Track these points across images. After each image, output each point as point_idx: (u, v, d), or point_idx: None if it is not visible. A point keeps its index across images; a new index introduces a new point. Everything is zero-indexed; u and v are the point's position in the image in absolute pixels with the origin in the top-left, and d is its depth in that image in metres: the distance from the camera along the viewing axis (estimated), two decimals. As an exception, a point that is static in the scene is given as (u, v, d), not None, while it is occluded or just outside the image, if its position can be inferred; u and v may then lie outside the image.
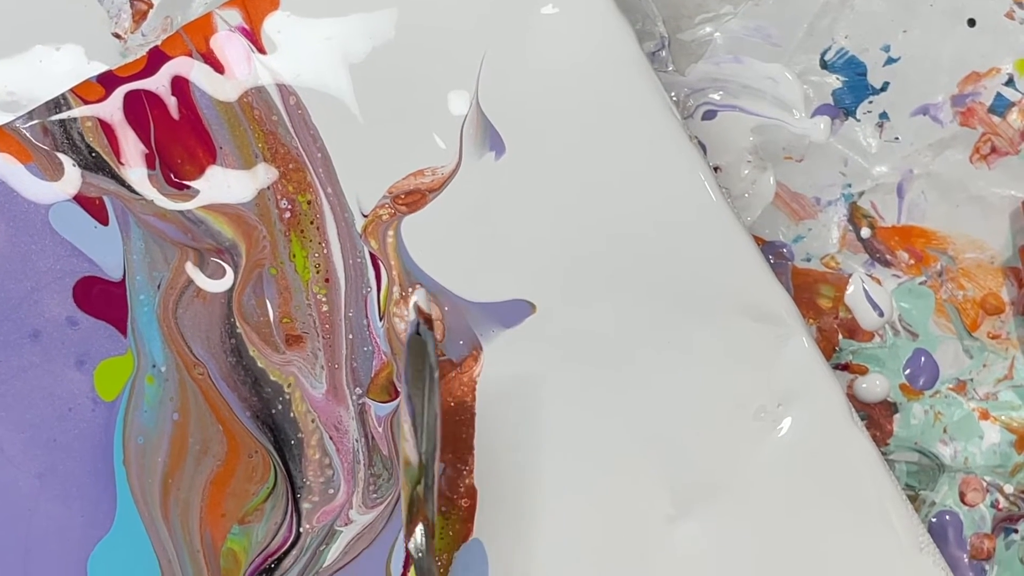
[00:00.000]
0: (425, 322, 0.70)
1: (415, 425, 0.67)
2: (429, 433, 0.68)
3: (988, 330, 0.83)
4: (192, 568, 0.73)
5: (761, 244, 0.83)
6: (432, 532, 0.68)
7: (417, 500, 0.67)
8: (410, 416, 0.67)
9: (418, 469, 0.67)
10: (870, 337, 0.83)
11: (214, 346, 0.75)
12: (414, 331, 0.70)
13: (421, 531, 0.67)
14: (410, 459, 0.67)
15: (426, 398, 0.69)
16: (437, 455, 0.69)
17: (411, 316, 0.70)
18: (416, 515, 0.67)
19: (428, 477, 0.68)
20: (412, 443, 0.67)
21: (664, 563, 0.74)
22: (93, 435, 0.73)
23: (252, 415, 0.75)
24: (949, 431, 0.82)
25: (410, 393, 0.68)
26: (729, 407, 0.75)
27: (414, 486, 0.67)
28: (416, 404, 0.68)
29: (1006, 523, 0.81)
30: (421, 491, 0.67)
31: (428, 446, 0.68)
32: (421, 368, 0.69)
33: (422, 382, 0.69)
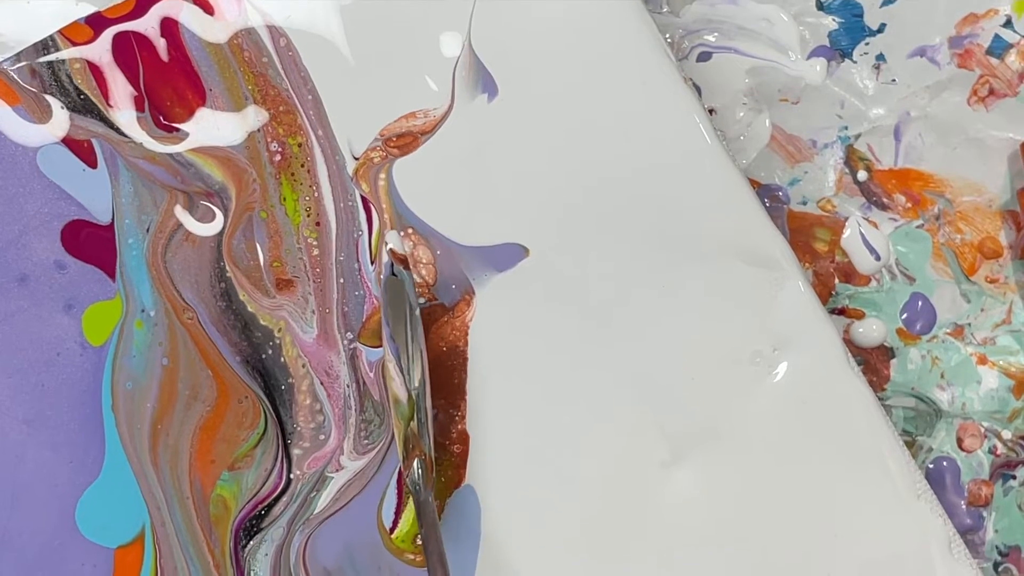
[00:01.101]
0: (400, 263, 0.68)
1: (400, 363, 0.65)
2: (416, 369, 0.66)
3: (986, 274, 0.79)
4: (181, 515, 0.69)
5: (757, 187, 0.79)
6: (430, 466, 0.66)
7: (412, 436, 0.65)
8: (394, 355, 0.66)
9: (408, 406, 0.65)
10: (867, 281, 0.79)
11: (204, 290, 0.71)
12: (390, 272, 0.68)
13: (418, 465, 0.65)
14: (399, 397, 0.66)
15: (409, 336, 0.67)
16: (427, 390, 0.66)
17: (385, 258, 0.68)
18: (412, 451, 0.65)
19: (421, 413, 0.66)
20: (399, 381, 0.65)
21: (659, 508, 0.70)
22: (81, 380, 0.69)
23: (242, 360, 0.71)
24: (947, 376, 0.78)
25: (392, 333, 0.66)
26: (724, 352, 0.71)
27: (407, 423, 0.65)
28: (400, 343, 0.66)
29: (1004, 469, 0.77)
30: (415, 427, 0.65)
31: (417, 382, 0.66)
32: (401, 307, 0.67)
33: (403, 321, 0.67)
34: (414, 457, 0.66)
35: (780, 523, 0.69)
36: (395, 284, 0.69)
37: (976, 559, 0.72)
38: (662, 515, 0.70)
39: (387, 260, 0.70)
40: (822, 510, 0.69)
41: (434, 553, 0.64)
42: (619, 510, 0.70)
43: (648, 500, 0.70)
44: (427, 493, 0.65)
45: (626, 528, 0.70)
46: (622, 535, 0.70)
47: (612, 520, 0.70)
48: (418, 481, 0.66)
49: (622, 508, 0.70)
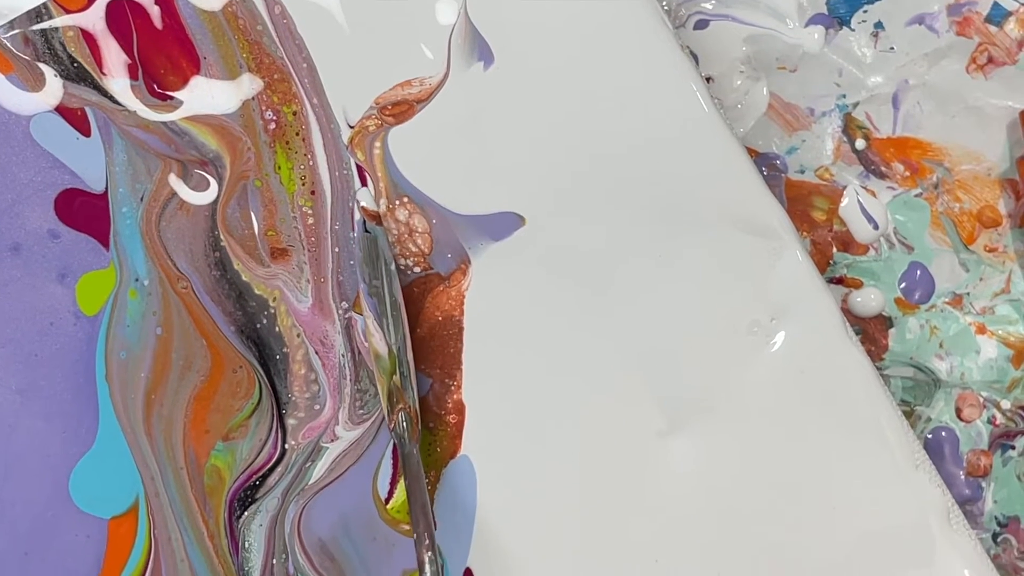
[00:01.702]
0: (372, 219, 0.67)
1: (379, 318, 0.64)
2: (396, 324, 0.65)
3: (985, 243, 0.76)
4: (175, 485, 0.67)
5: (754, 156, 0.76)
6: (415, 419, 0.64)
7: (395, 390, 0.64)
8: (372, 310, 0.64)
9: (390, 360, 0.64)
10: (865, 250, 0.76)
11: (198, 259, 0.69)
12: (362, 229, 0.67)
13: (403, 418, 0.64)
14: (379, 352, 0.64)
15: (385, 291, 0.65)
16: (408, 343, 0.65)
17: (356, 216, 0.67)
18: (396, 404, 0.64)
19: (403, 366, 0.64)
20: (379, 336, 0.64)
21: (655, 478, 0.67)
22: (75, 350, 0.67)
23: (236, 329, 0.69)
24: (945, 346, 0.75)
25: (368, 289, 0.65)
26: (721, 321, 0.68)
27: (390, 377, 0.64)
28: (377, 298, 0.65)
29: (1003, 439, 0.74)
30: (398, 380, 0.64)
31: (396, 336, 0.64)
32: (375, 263, 0.66)
33: (379, 276, 0.65)
34: (399, 410, 0.64)
35: (777, 493, 0.67)
36: (369, 240, 0.68)
37: (975, 530, 0.70)
38: (659, 485, 0.67)
39: (359, 217, 0.68)
40: (820, 480, 0.66)
41: (417, 504, 0.62)
42: (615, 479, 0.68)
43: (645, 470, 0.68)
44: (412, 446, 0.64)
45: (622, 497, 0.67)
46: (618, 504, 0.67)
47: (608, 489, 0.67)
48: (403, 434, 0.64)
49: (618, 477, 0.68)
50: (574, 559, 0.67)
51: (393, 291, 0.66)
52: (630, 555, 0.67)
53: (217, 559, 0.66)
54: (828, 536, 0.66)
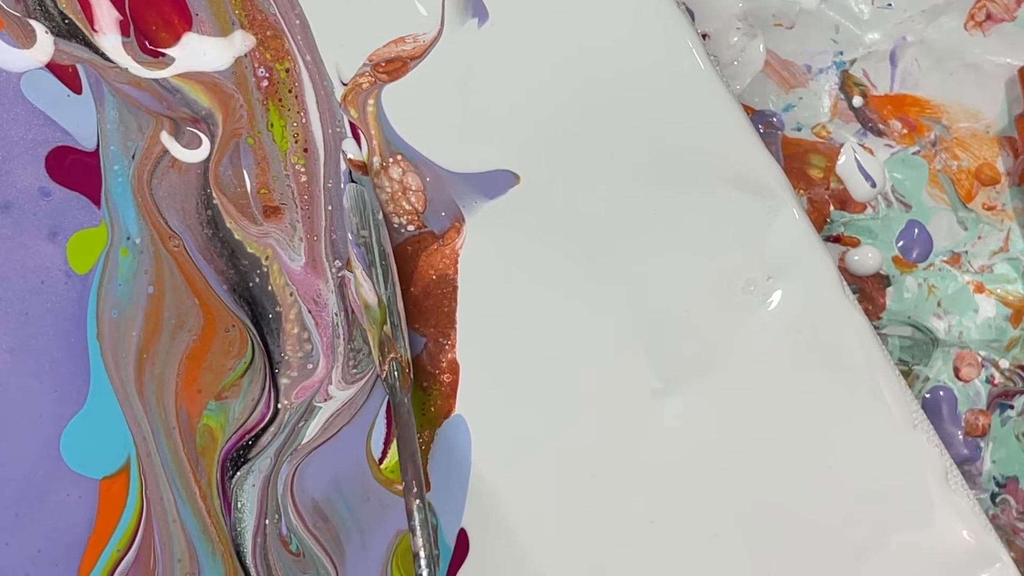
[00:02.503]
0: (358, 169, 0.65)
1: (368, 268, 0.62)
2: (385, 273, 0.62)
3: (983, 201, 0.74)
4: (167, 445, 0.64)
5: (750, 113, 0.73)
6: (407, 368, 0.62)
7: (386, 339, 0.62)
8: (361, 260, 0.62)
9: (380, 310, 0.62)
10: (862, 208, 0.73)
11: (190, 218, 0.66)
12: (348, 179, 0.64)
13: (395, 367, 0.62)
14: (369, 302, 0.62)
15: (373, 240, 0.63)
16: (398, 292, 0.63)
17: (342, 166, 0.64)
18: (388, 354, 0.62)
19: (393, 316, 0.62)
20: (368, 286, 0.62)
21: (651, 438, 0.65)
22: (66, 309, 0.64)
23: (229, 288, 0.66)
24: (943, 305, 0.73)
25: (356, 239, 0.62)
26: (717, 280, 0.66)
27: (380, 327, 0.62)
28: (364, 247, 0.62)
29: (1001, 399, 0.72)
30: (389, 330, 0.62)
31: (386, 285, 0.62)
32: (363, 213, 0.63)
33: (366, 227, 0.63)
34: (390, 360, 0.62)
35: (773, 454, 0.64)
36: (355, 190, 0.65)
37: (973, 490, 0.67)
38: (654, 444, 0.65)
39: (345, 168, 0.66)
40: (816, 440, 0.64)
41: (407, 453, 0.60)
42: (611, 439, 0.65)
43: (640, 429, 0.65)
44: (403, 395, 0.62)
45: (618, 457, 0.65)
46: (614, 464, 0.65)
47: (604, 449, 0.65)
48: (394, 383, 0.62)
49: (614, 437, 0.65)
50: (569, 519, 0.64)
51: (381, 241, 0.64)
52: (625, 515, 0.64)
53: (209, 519, 0.64)
54: (825, 496, 0.63)
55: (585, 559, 0.64)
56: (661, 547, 0.64)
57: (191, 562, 0.63)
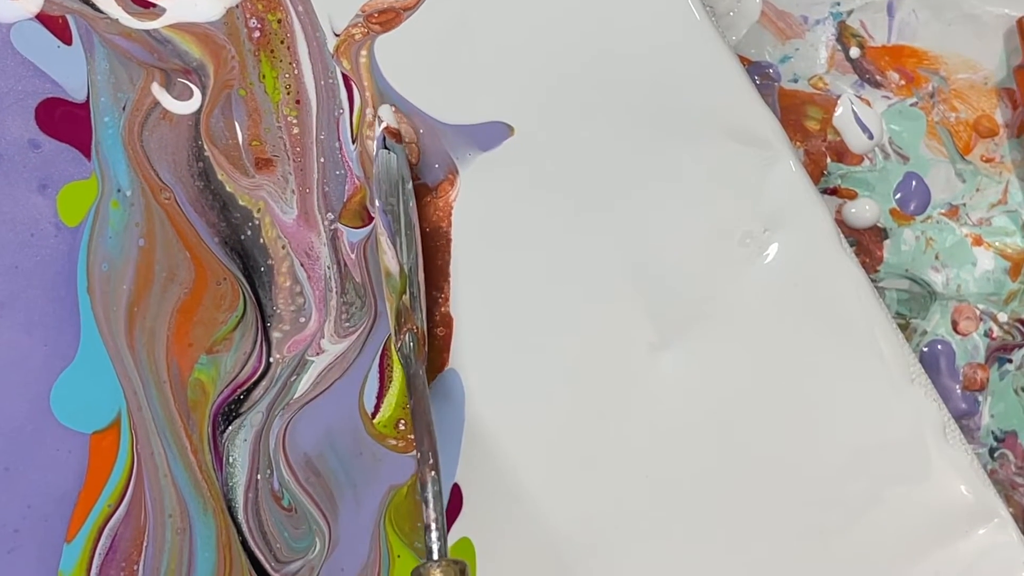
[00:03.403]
0: (393, 137, 0.61)
1: (392, 236, 0.59)
2: (409, 243, 0.59)
3: (981, 153, 0.70)
4: (158, 399, 0.61)
5: (747, 64, 0.70)
6: (422, 340, 0.59)
7: (404, 309, 0.59)
8: (386, 228, 0.59)
9: (400, 279, 0.59)
10: (859, 160, 0.70)
11: (181, 170, 0.62)
12: (382, 145, 0.61)
13: (410, 338, 0.58)
14: (391, 270, 0.59)
15: (401, 209, 0.60)
16: (419, 263, 0.60)
17: (377, 131, 0.61)
18: (404, 324, 0.58)
19: (413, 286, 0.59)
20: (391, 254, 0.59)
21: (646, 392, 0.62)
22: (56, 262, 0.61)
23: (220, 241, 0.62)
24: (941, 257, 0.69)
25: (384, 206, 0.59)
26: (713, 233, 0.62)
27: (399, 296, 0.58)
28: (392, 216, 0.59)
29: (1000, 353, 0.69)
30: (407, 300, 0.59)
31: (409, 256, 0.59)
32: (393, 181, 0.60)
33: (395, 194, 0.60)
34: (406, 330, 0.59)
35: (769, 408, 0.61)
36: (387, 158, 0.62)
37: (971, 444, 0.64)
38: (649, 398, 0.62)
39: (380, 134, 0.63)
40: (813, 394, 0.61)
41: (422, 424, 0.56)
42: (606, 393, 0.62)
43: (635, 383, 0.62)
44: (418, 366, 0.59)
45: (613, 411, 0.62)
46: (609, 419, 0.61)
47: (599, 403, 0.62)
48: (409, 354, 0.59)
49: (609, 391, 0.62)
50: (563, 474, 0.61)
51: (408, 211, 0.61)
52: (621, 470, 0.61)
53: (201, 474, 0.61)
54: (821, 451, 0.60)
55: (580, 513, 0.61)
56: (656, 500, 0.61)
57: (182, 517, 0.60)
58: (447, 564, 0.52)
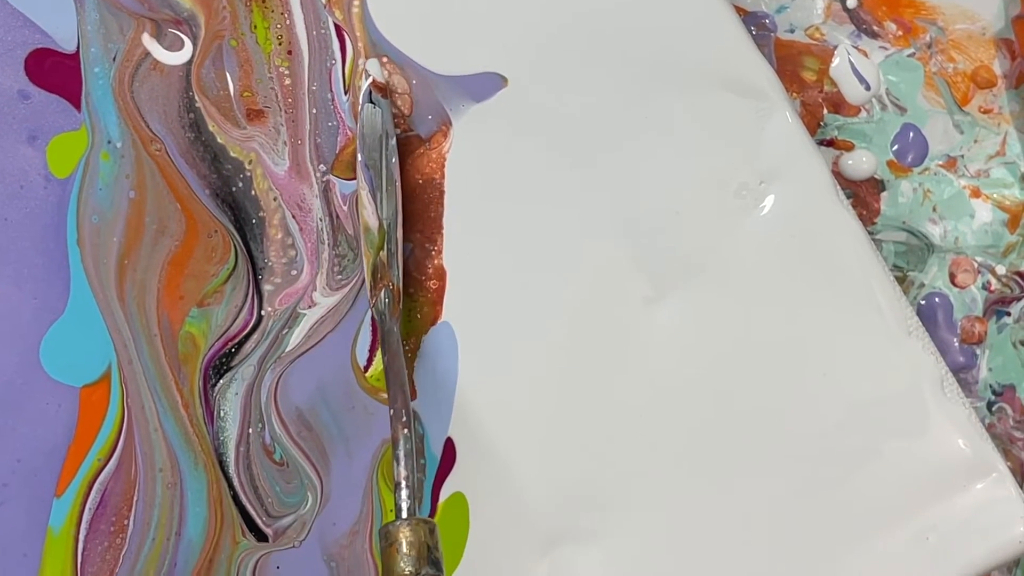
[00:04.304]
0: (379, 90, 0.58)
1: (373, 191, 0.56)
2: (389, 199, 0.57)
3: (979, 104, 0.67)
4: (149, 352, 0.58)
5: (742, 15, 0.66)
6: (398, 297, 0.56)
7: (381, 265, 0.56)
8: (368, 182, 0.56)
9: (379, 234, 0.56)
10: (856, 111, 0.66)
11: (172, 121, 0.59)
12: (367, 99, 0.58)
13: (385, 294, 0.55)
14: (369, 225, 0.56)
15: (383, 164, 0.57)
16: (399, 220, 0.57)
17: (364, 85, 0.58)
18: (380, 280, 0.56)
19: (391, 243, 0.56)
20: (371, 209, 0.56)
21: (641, 345, 0.58)
22: (45, 214, 0.58)
23: (211, 193, 0.59)
24: (939, 210, 0.66)
25: (366, 160, 0.57)
26: (709, 185, 0.59)
27: (376, 252, 0.56)
28: (374, 171, 0.56)
29: (998, 305, 0.65)
30: (384, 256, 0.56)
31: (388, 211, 0.56)
32: (376, 136, 0.57)
33: (378, 149, 0.57)
34: (381, 287, 0.56)
35: (765, 361, 0.57)
36: (371, 112, 0.59)
37: (969, 398, 0.60)
38: (644, 352, 0.58)
39: (366, 88, 0.59)
40: (809, 348, 0.58)
41: (396, 382, 0.54)
42: (600, 347, 0.58)
43: (630, 336, 0.58)
44: (392, 322, 0.56)
45: (607, 365, 0.58)
46: (603, 373, 0.58)
47: (593, 357, 0.58)
48: (384, 311, 0.56)
49: (603, 345, 0.58)
50: (557, 428, 0.58)
51: (391, 166, 0.58)
52: (615, 424, 0.58)
53: (192, 428, 0.58)
54: (818, 404, 0.57)
55: (575, 468, 0.58)
56: (651, 454, 0.57)
57: (173, 471, 0.57)
58: (416, 523, 0.50)
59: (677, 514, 0.57)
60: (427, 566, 0.49)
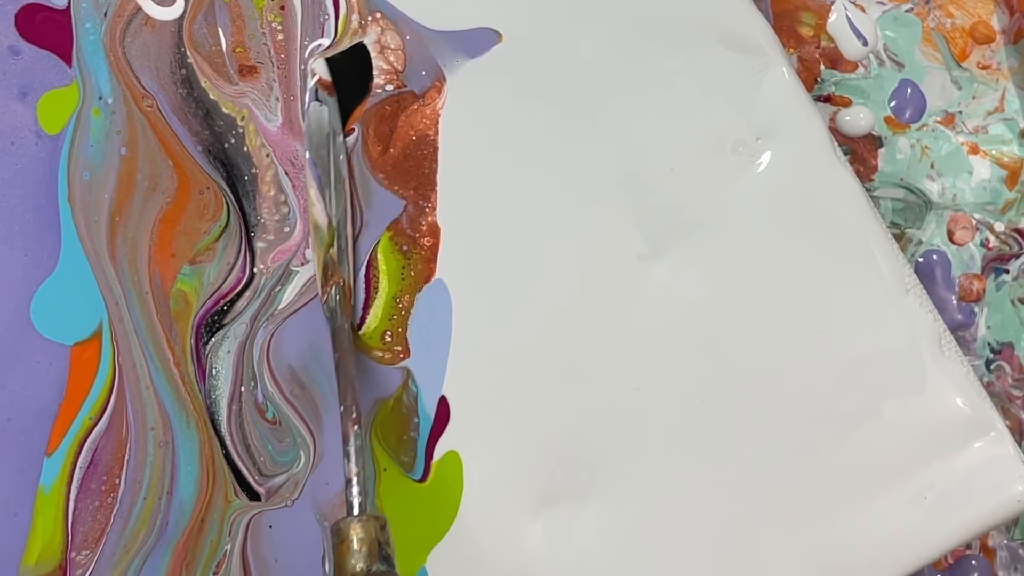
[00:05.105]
0: (325, 89, 0.57)
1: (321, 188, 0.55)
2: (338, 196, 0.55)
3: (978, 60, 0.64)
4: (140, 310, 0.55)
5: None
6: (348, 294, 0.55)
7: (331, 263, 0.54)
8: (316, 180, 0.55)
9: (328, 232, 0.55)
10: (854, 67, 0.64)
11: (164, 77, 0.57)
12: (313, 98, 0.57)
13: (336, 291, 0.54)
14: (319, 223, 0.55)
15: (331, 162, 0.56)
16: (348, 218, 0.56)
17: (310, 83, 0.57)
18: (331, 277, 0.54)
19: (341, 240, 0.55)
20: (320, 207, 0.55)
21: (636, 302, 0.55)
22: (36, 170, 0.55)
23: (204, 149, 0.57)
24: (937, 166, 0.63)
25: (314, 159, 0.55)
26: (705, 141, 0.57)
27: (327, 249, 0.55)
28: (321, 168, 0.55)
29: (996, 263, 0.63)
30: (335, 254, 0.55)
31: (337, 209, 0.55)
32: (324, 133, 0.56)
33: (325, 147, 0.56)
34: (332, 284, 0.55)
35: (761, 319, 0.55)
36: (318, 111, 0.57)
37: (967, 356, 0.59)
38: (640, 309, 0.55)
39: (312, 86, 0.57)
40: (806, 306, 0.55)
41: (345, 379, 0.52)
42: (595, 305, 0.56)
43: (626, 294, 0.56)
44: (343, 320, 0.54)
45: (603, 322, 0.55)
46: (598, 330, 0.55)
47: (588, 315, 0.55)
48: (335, 307, 0.55)
49: (598, 303, 0.56)
50: (552, 386, 0.55)
51: (339, 164, 0.56)
52: (610, 382, 0.55)
53: (183, 386, 0.55)
54: (815, 362, 0.54)
55: (568, 426, 0.55)
56: (646, 412, 0.55)
57: (164, 430, 0.55)
58: (367, 519, 0.48)
59: (672, 474, 0.54)
60: (378, 562, 0.48)
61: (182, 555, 0.54)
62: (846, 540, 0.53)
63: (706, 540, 0.54)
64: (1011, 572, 0.62)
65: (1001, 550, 0.62)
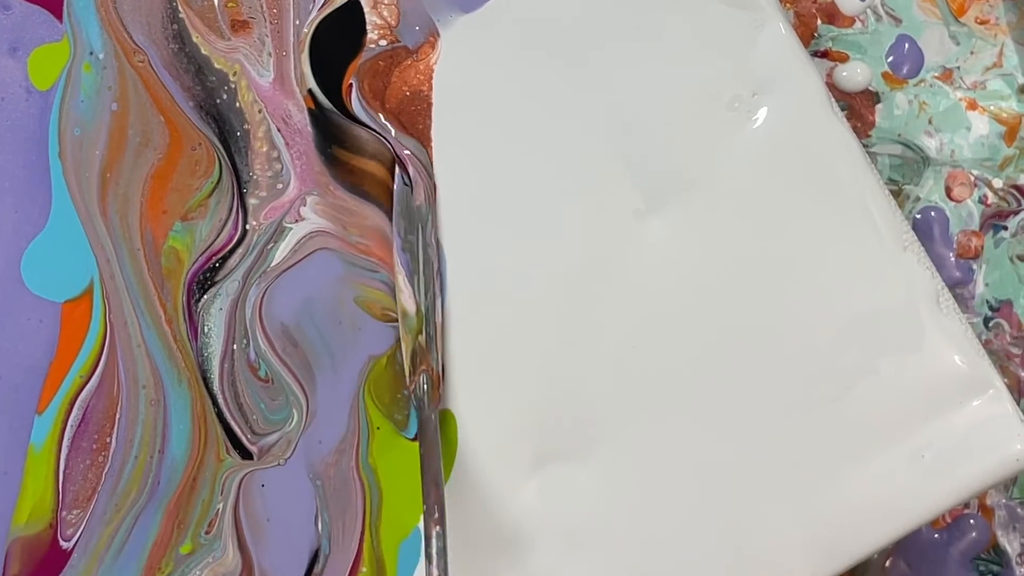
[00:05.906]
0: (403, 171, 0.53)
1: (410, 274, 0.52)
2: (427, 282, 0.52)
3: (976, 15, 0.61)
4: (131, 267, 0.53)
5: None
6: (437, 382, 0.52)
7: (420, 350, 0.51)
8: (404, 267, 0.52)
9: (417, 319, 0.52)
10: (851, 22, 0.61)
11: (155, 32, 0.54)
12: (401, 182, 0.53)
13: (425, 380, 0.51)
14: (407, 309, 0.52)
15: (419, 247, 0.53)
16: (438, 304, 0.53)
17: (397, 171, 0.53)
18: (419, 365, 0.51)
19: (430, 327, 0.52)
20: (408, 293, 0.52)
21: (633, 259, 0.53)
22: (27, 126, 0.53)
23: (195, 105, 0.54)
24: (935, 122, 0.61)
25: (403, 244, 0.52)
26: (701, 97, 0.54)
27: (415, 337, 0.52)
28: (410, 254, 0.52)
29: (995, 219, 0.61)
30: (423, 341, 0.52)
31: (427, 295, 0.52)
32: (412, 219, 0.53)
33: (415, 232, 0.53)
34: (421, 371, 0.52)
35: (759, 276, 0.52)
36: (404, 193, 0.54)
37: (965, 314, 0.57)
38: (636, 267, 0.53)
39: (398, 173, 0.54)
40: (803, 263, 0.52)
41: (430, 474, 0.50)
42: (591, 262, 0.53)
43: (622, 251, 0.53)
44: (431, 410, 0.51)
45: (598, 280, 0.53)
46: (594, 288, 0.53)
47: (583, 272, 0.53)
48: (423, 396, 0.52)
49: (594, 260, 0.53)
50: (548, 345, 0.53)
51: (428, 248, 0.54)
52: (606, 341, 0.53)
53: (175, 343, 0.53)
54: (812, 320, 0.52)
55: (564, 386, 0.53)
56: (642, 371, 0.52)
57: (156, 388, 0.53)
58: None
59: (668, 434, 0.52)
60: None
61: (174, 514, 0.52)
62: (843, 498, 0.51)
63: (702, 499, 0.52)
64: (1009, 531, 0.60)
65: (999, 509, 0.60)
